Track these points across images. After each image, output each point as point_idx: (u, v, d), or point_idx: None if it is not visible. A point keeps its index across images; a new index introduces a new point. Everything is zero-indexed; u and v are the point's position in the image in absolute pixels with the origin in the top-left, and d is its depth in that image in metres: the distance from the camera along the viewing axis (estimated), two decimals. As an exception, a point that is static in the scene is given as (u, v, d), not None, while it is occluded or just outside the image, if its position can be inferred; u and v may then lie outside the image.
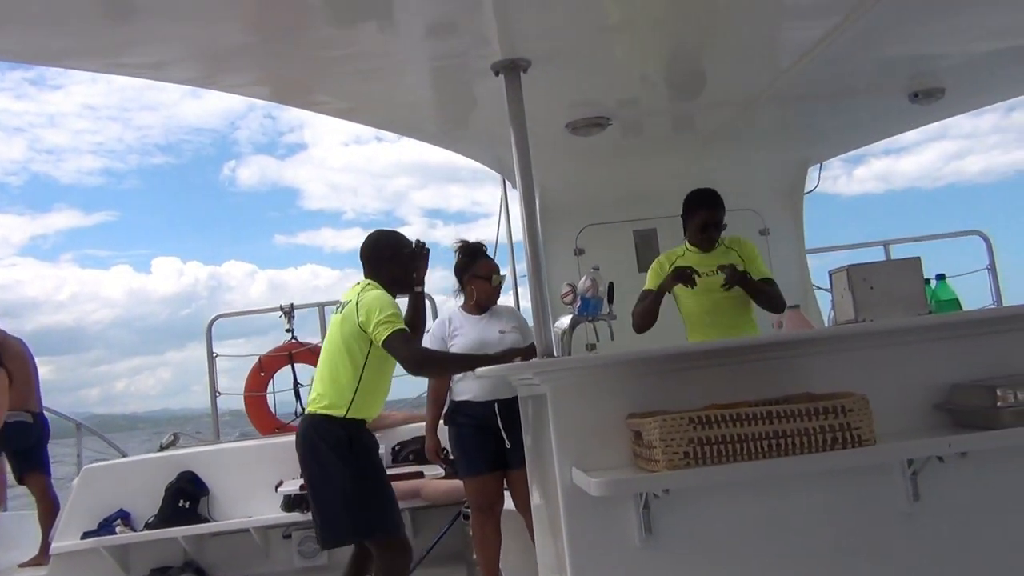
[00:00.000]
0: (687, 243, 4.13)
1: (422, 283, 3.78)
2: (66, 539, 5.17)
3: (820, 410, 2.21)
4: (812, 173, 5.67)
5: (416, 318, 3.79)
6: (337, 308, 3.61)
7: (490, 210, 6.07)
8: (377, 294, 3.43)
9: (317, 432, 3.42)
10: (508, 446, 4.05)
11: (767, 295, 3.86)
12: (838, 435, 2.22)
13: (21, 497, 6.43)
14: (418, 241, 3.73)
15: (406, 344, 3.34)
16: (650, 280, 4.16)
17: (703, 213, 4.01)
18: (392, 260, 3.62)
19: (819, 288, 5.67)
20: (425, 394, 4.70)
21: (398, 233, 3.74)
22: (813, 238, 5.90)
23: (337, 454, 3.34)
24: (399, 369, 3.53)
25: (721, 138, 4.79)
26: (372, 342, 3.36)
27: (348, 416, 3.39)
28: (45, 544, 5.56)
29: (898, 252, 6.36)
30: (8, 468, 6.03)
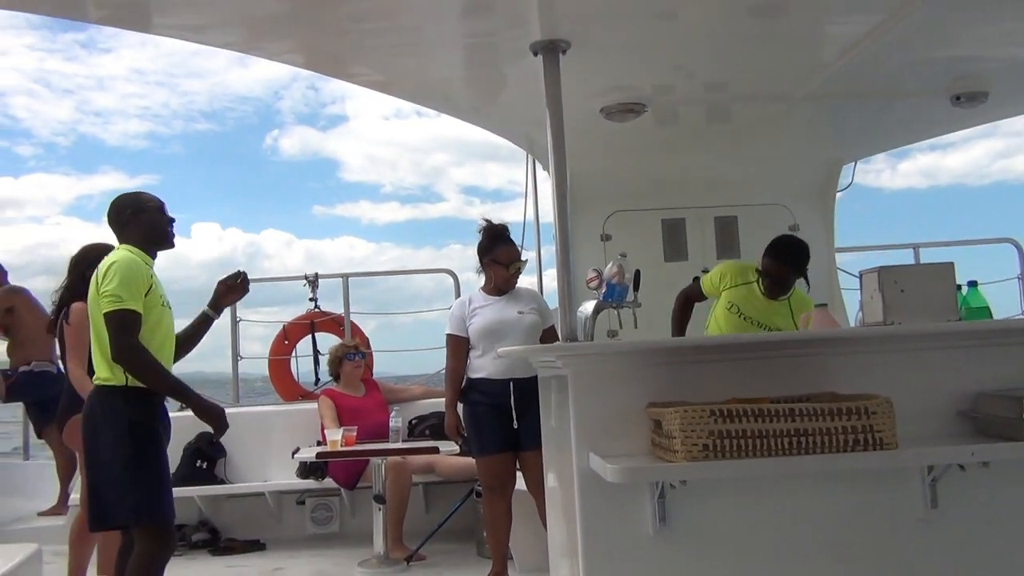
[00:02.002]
0: (760, 281, 4.02)
1: (218, 309, 3.40)
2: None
3: (843, 410, 2.20)
4: (846, 171, 5.60)
5: (192, 336, 3.37)
6: None
7: (529, 190, 6.05)
8: (117, 258, 3.03)
9: (100, 405, 3.03)
10: (515, 426, 4.07)
11: None
12: (860, 437, 2.20)
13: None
14: (240, 272, 3.42)
15: (130, 332, 2.93)
16: (710, 277, 4.16)
17: (777, 268, 3.93)
18: (138, 217, 3.16)
19: (846, 284, 5.63)
20: (442, 369, 4.72)
21: (139, 192, 3.31)
22: (852, 233, 5.86)
23: (114, 428, 2.97)
24: (418, 343, 3.45)
25: (755, 132, 4.74)
26: None
27: (129, 384, 2.98)
28: (63, 495, 5.68)
29: (927, 256, 6.29)
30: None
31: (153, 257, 3.19)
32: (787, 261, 3.92)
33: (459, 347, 4.30)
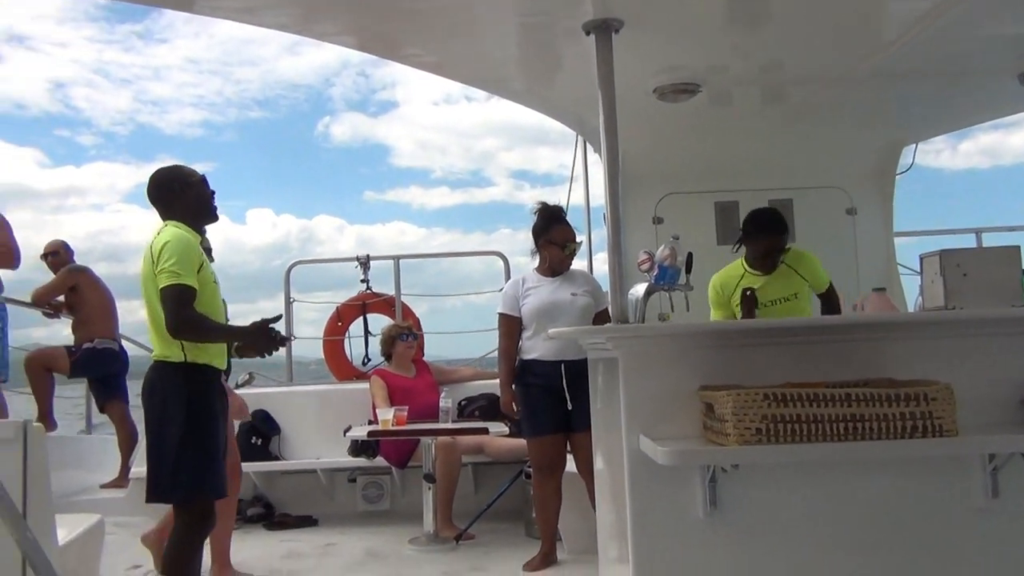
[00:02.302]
0: (745, 263, 4.05)
1: (265, 353, 3.23)
2: (144, 464, 5.41)
3: (902, 396, 2.16)
4: (907, 153, 5.46)
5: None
6: None
7: (577, 173, 6.02)
8: (169, 235, 3.04)
9: (159, 380, 3.07)
10: (570, 408, 4.07)
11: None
12: (919, 423, 2.16)
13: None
14: (278, 334, 3.22)
15: (176, 303, 2.94)
16: (712, 309, 4.12)
17: (766, 241, 3.94)
18: (185, 193, 3.17)
19: (904, 269, 5.50)
20: (489, 354, 4.73)
21: (178, 166, 3.29)
22: (909, 216, 5.72)
23: (171, 402, 3.00)
24: (473, 325, 3.44)
25: (812, 113, 4.65)
26: None
27: (188, 360, 3.02)
28: (125, 468, 5.85)
29: (990, 241, 6.12)
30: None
31: (199, 232, 3.21)
32: (774, 230, 3.91)
33: (511, 327, 4.32)
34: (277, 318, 3.17)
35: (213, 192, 3.27)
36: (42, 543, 2.21)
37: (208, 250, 3.33)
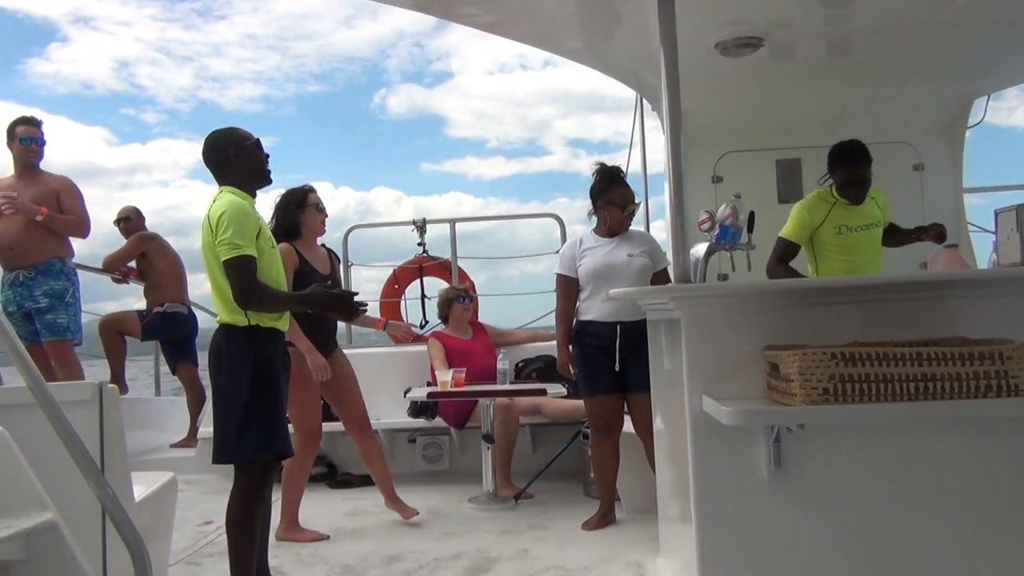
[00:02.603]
0: (834, 192, 4.02)
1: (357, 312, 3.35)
2: (211, 425, 5.57)
3: (975, 355, 2.09)
4: (978, 106, 5.26)
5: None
6: None
7: (637, 139, 5.96)
8: (225, 204, 3.06)
9: (226, 343, 3.11)
10: (617, 369, 4.06)
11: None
12: (992, 383, 2.09)
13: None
14: (358, 302, 3.33)
15: (240, 275, 2.98)
16: (792, 227, 4.07)
17: (847, 171, 3.94)
18: (239, 157, 3.17)
19: (974, 228, 5.33)
20: (546, 315, 4.73)
21: (233, 128, 3.25)
22: (976, 175, 5.53)
23: (232, 365, 3.06)
24: (522, 287, 3.46)
25: (878, 66, 4.50)
26: None
27: (252, 323, 3.06)
28: (193, 428, 6.05)
29: (1067, 196, 5.88)
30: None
31: (253, 196, 3.22)
32: (859, 160, 3.92)
33: (568, 287, 4.32)
34: (355, 294, 3.32)
35: (267, 155, 3.25)
36: (120, 499, 2.29)
37: None
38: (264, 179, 3.26)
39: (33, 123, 5.11)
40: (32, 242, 4.96)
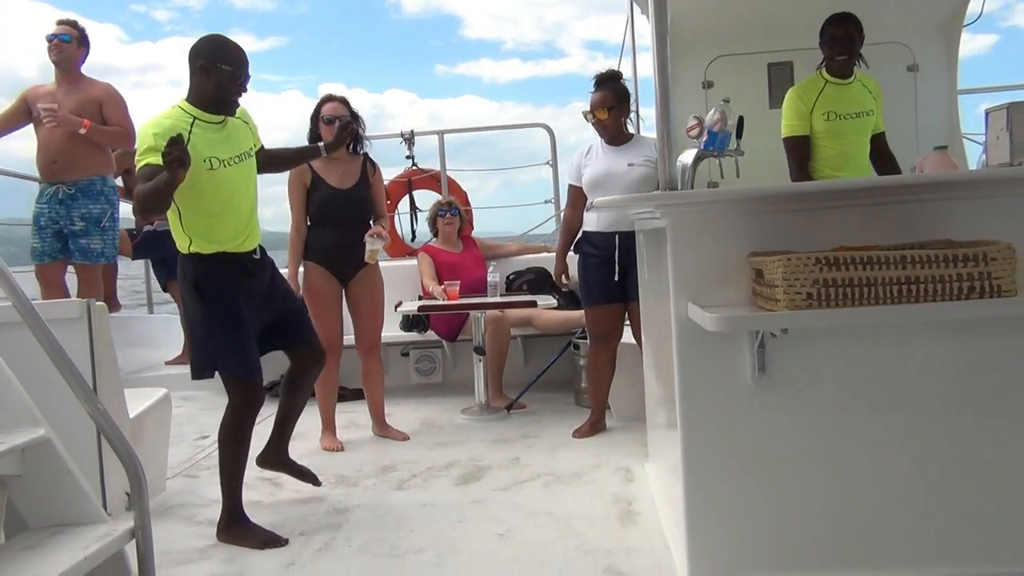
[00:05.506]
0: (824, 73, 4.01)
1: (331, 149, 3.63)
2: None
3: (959, 257, 2.08)
4: (975, 2, 5.12)
5: (292, 159, 3.70)
6: None
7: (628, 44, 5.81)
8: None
9: (179, 270, 3.13)
10: (616, 279, 4.07)
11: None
12: (976, 284, 2.09)
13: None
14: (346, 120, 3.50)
15: (136, 186, 2.85)
16: (788, 119, 4.02)
17: (831, 29, 3.94)
18: (205, 74, 2.99)
19: (968, 138, 5.26)
20: (532, 229, 4.70)
21: (225, 44, 3.03)
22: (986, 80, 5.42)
23: (185, 291, 3.08)
24: (529, 198, 3.41)
25: (873, -41, 4.36)
26: None
27: (192, 251, 3.04)
28: (187, 345, 6.08)
29: (1064, 96, 5.79)
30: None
31: (217, 113, 3.03)
32: (843, 18, 3.93)
33: (575, 196, 4.31)
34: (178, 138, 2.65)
35: (241, 86, 3.04)
36: (113, 416, 2.32)
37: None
38: (225, 108, 3.05)
39: (61, 23, 4.94)
40: (76, 156, 4.84)
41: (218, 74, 2.98)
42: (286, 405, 3.40)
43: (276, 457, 3.41)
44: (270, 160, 3.43)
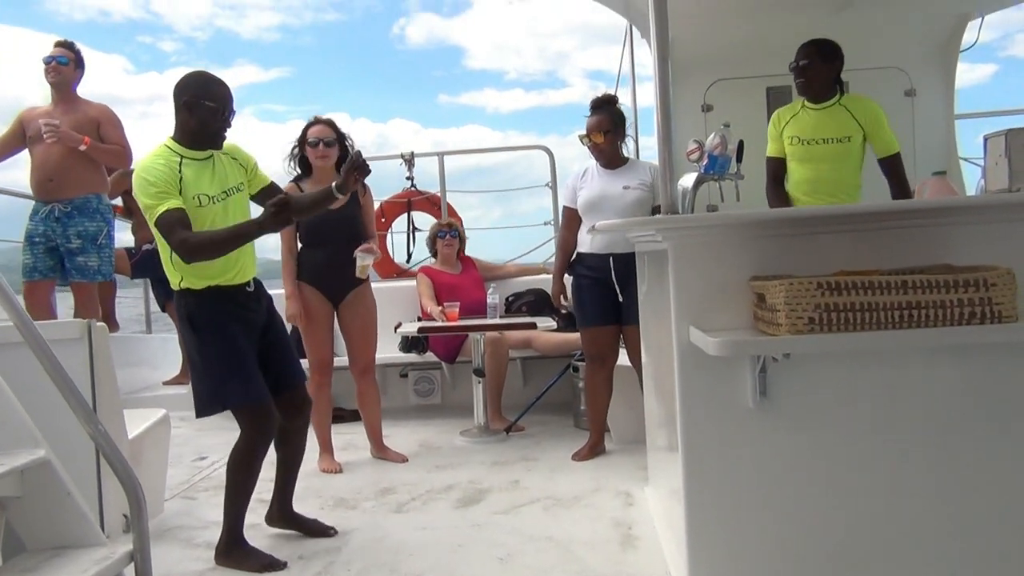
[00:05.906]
0: (796, 91, 4.03)
1: (344, 191, 3.12)
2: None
3: (960, 282, 2.09)
4: (971, 29, 5.17)
5: (308, 207, 3.22)
6: None
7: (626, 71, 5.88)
8: (141, 167, 2.92)
9: (176, 306, 3.12)
10: (620, 300, 4.09)
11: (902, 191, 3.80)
12: (976, 310, 2.10)
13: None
14: (356, 151, 3.15)
15: (171, 233, 2.84)
16: (769, 141, 4.06)
17: (800, 53, 3.91)
18: (188, 111, 2.97)
19: (967, 160, 5.29)
20: (529, 252, 4.71)
21: (209, 78, 3.01)
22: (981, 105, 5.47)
23: (182, 327, 3.09)
24: (530, 220, 3.34)
25: (871, -12, 4.41)
26: None
27: (183, 287, 3.03)
28: (185, 366, 6.07)
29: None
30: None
31: (202, 149, 3.01)
32: (806, 44, 3.89)
33: (570, 218, 4.33)
34: (287, 200, 2.79)
35: (226, 122, 3.03)
36: (113, 436, 2.31)
37: None
38: (210, 143, 3.03)
39: (59, 44, 4.97)
40: (72, 174, 4.86)
41: (201, 110, 2.97)
42: (282, 459, 3.32)
43: (280, 515, 3.34)
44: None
